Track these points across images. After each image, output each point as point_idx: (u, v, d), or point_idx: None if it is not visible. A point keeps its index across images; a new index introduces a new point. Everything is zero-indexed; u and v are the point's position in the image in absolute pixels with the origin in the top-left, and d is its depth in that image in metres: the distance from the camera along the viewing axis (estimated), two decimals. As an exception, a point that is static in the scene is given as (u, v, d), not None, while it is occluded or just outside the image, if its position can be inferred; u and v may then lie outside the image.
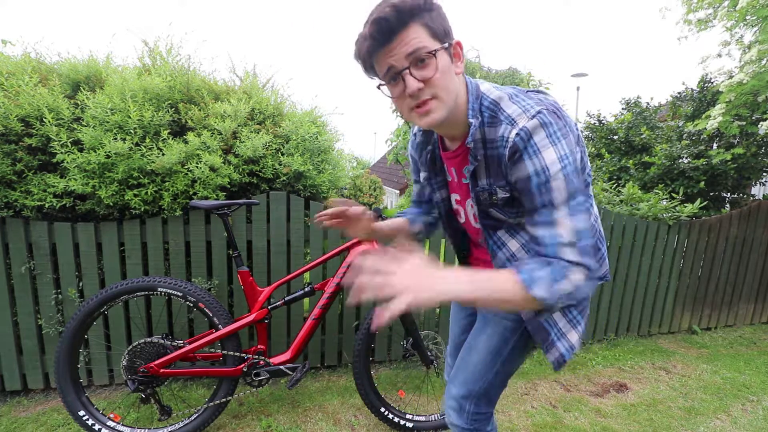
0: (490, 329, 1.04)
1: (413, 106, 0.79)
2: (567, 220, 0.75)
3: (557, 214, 0.76)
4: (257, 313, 1.69)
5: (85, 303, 1.57)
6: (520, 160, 0.77)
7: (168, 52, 2.06)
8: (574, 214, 0.76)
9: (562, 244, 0.75)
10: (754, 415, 2.07)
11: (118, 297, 1.60)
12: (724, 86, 3.04)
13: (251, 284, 1.72)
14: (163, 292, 1.63)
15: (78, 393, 1.61)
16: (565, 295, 0.73)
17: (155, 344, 1.61)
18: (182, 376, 2.02)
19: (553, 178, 0.75)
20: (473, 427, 1.07)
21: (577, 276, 0.74)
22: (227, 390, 1.71)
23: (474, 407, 1.06)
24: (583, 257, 0.74)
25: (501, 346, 1.02)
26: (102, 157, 1.67)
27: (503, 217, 0.90)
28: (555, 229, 0.76)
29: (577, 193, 0.77)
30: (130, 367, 1.58)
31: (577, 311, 0.95)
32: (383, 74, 0.79)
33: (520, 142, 0.76)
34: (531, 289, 0.71)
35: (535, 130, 0.75)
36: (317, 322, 1.75)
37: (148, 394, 1.60)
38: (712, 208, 3.68)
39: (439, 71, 0.76)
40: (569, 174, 0.75)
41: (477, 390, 1.05)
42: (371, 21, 0.73)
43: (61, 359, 1.57)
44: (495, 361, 1.03)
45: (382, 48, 0.75)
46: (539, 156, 0.75)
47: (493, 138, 0.81)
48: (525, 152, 0.76)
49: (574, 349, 0.93)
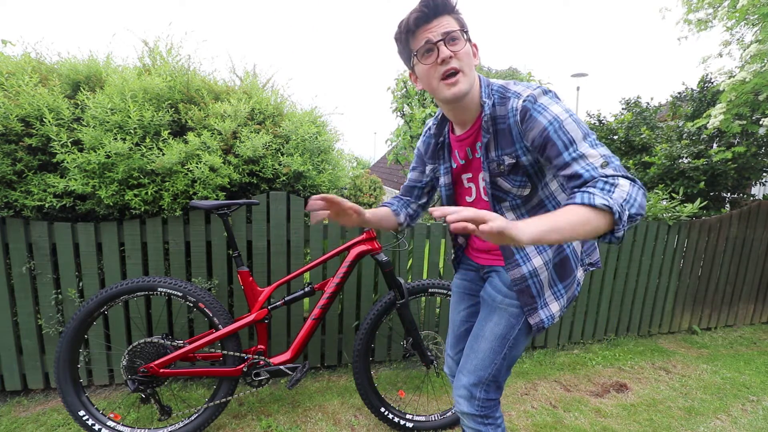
0: (496, 317, 1.11)
1: (442, 77, 0.95)
2: (593, 150, 0.86)
3: (582, 148, 0.86)
4: (257, 313, 1.69)
5: (85, 303, 1.58)
6: (532, 119, 0.91)
7: (168, 52, 2.06)
8: (595, 145, 0.87)
9: (598, 167, 0.84)
10: (754, 415, 2.07)
11: (118, 297, 1.60)
12: (726, 85, 3.03)
13: (251, 284, 1.72)
14: (163, 292, 1.63)
15: (78, 393, 1.61)
16: (624, 202, 0.77)
17: (155, 344, 1.61)
18: (182, 376, 2.02)
19: (565, 122, 0.88)
20: (484, 413, 1.11)
21: (623, 182, 0.80)
22: (227, 390, 1.71)
23: (484, 394, 1.11)
24: (620, 170, 0.83)
25: (507, 332, 1.09)
26: (102, 157, 1.67)
27: (509, 185, 1.02)
28: (586, 159, 0.85)
29: (590, 133, 0.89)
30: (130, 367, 1.58)
31: (563, 286, 1.08)
32: (418, 48, 0.95)
33: (528, 104, 0.91)
34: (594, 203, 0.75)
35: (539, 96, 0.92)
36: (317, 322, 1.75)
37: (148, 394, 1.60)
38: (712, 208, 3.68)
39: (465, 50, 0.94)
40: (577, 120, 0.89)
41: (486, 376, 1.11)
42: (421, 2, 0.93)
43: (61, 359, 1.57)
44: (503, 346, 1.09)
45: (424, 24, 0.93)
46: (548, 110, 0.90)
47: (503, 114, 0.96)
48: (534, 110, 0.91)
49: (554, 318, 1.06)
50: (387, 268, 1.76)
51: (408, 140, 3.75)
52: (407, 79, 3.79)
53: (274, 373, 1.72)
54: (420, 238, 2.31)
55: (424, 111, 3.54)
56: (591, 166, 0.84)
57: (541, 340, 2.69)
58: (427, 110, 3.52)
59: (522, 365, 2.48)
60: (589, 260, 1.18)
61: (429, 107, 3.59)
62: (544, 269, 1.05)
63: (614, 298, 2.82)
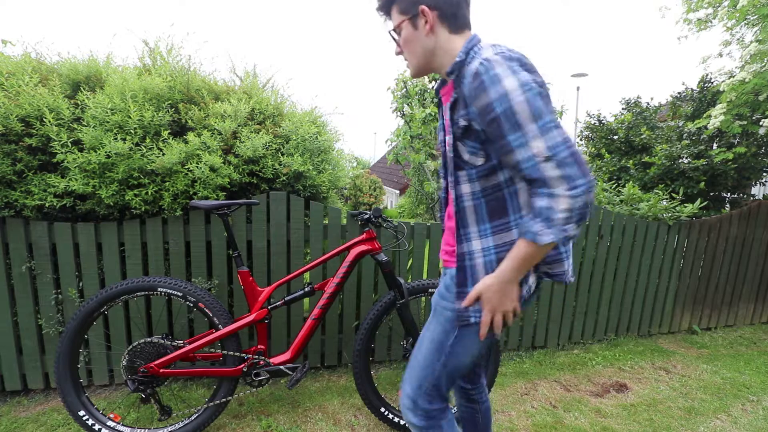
0: (434, 322, 1.08)
1: None
2: (540, 139, 0.81)
3: (529, 135, 0.82)
4: (257, 313, 1.70)
5: (85, 303, 1.57)
6: (481, 88, 0.85)
7: (168, 53, 2.06)
8: (545, 132, 0.81)
9: (540, 161, 0.81)
10: (754, 415, 2.07)
11: (118, 297, 1.60)
12: (726, 85, 3.03)
13: (251, 284, 1.72)
14: (163, 292, 1.63)
15: (78, 393, 1.61)
16: (567, 217, 0.82)
17: (155, 344, 1.61)
18: (182, 376, 2.02)
19: (515, 102, 0.82)
20: (428, 425, 1.07)
21: (562, 191, 0.81)
22: (227, 390, 1.71)
23: (427, 403, 1.06)
24: (563, 168, 0.80)
25: (444, 338, 1.04)
26: (102, 157, 1.67)
27: (465, 151, 0.96)
28: (531, 151, 0.82)
29: (544, 114, 0.82)
30: (130, 367, 1.58)
31: None
32: None
33: (481, 69, 0.85)
34: (540, 242, 0.84)
35: (497, 64, 0.84)
36: (317, 322, 1.75)
37: (148, 394, 1.60)
38: (712, 208, 3.68)
39: (405, 38, 1.01)
40: (532, 98, 0.82)
41: (426, 385, 1.06)
42: None
43: (61, 359, 1.57)
44: (440, 352, 1.04)
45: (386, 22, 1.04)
46: (500, 84, 0.83)
47: (464, 75, 0.90)
48: (486, 80, 0.84)
49: (531, 289, 1.00)
50: (387, 268, 1.76)
51: (408, 140, 3.75)
52: (407, 79, 3.79)
53: (274, 373, 1.72)
54: (420, 238, 2.31)
55: (424, 111, 3.54)
56: (532, 162, 0.82)
57: (541, 340, 2.69)
58: (427, 110, 3.52)
59: (522, 365, 2.48)
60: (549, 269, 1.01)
61: (429, 107, 3.59)
62: (480, 255, 0.98)
63: (614, 298, 2.82)
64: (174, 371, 1.63)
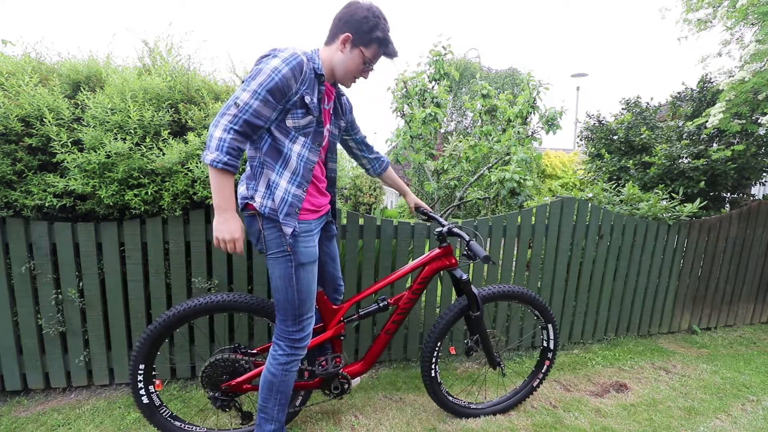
0: None
1: (356, 77, 1.47)
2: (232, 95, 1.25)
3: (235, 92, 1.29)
4: (335, 328, 1.70)
5: (174, 308, 1.56)
6: None
7: (168, 52, 2.07)
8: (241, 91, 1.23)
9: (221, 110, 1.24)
10: (754, 415, 2.07)
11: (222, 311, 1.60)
12: (725, 84, 3.03)
13: (325, 302, 1.69)
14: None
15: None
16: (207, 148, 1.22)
17: (234, 360, 1.60)
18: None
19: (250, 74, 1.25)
20: None
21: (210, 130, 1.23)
22: (303, 400, 1.77)
23: None
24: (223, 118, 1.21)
25: None
26: (102, 157, 1.67)
27: None
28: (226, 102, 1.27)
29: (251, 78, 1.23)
30: (210, 383, 1.58)
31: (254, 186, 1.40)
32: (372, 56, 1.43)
33: None
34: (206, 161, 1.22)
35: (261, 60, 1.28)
36: (390, 336, 1.79)
37: (230, 405, 1.61)
38: (712, 208, 3.68)
39: None
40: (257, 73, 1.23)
41: None
42: None
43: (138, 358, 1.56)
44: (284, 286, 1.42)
45: None
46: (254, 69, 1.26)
47: None
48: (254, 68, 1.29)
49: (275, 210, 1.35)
50: (466, 286, 1.75)
51: (408, 140, 3.75)
52: (407, 79, 3.79)
53: (349, 383, 1.76)
54: (420, 238, 2.31)
55: (424, 111, 3.53)
56: None
57: (541, 340, 2.69)
58: (427, 110, 3.52)
59: (522, 365, 2.48)
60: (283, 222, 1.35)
61: (429, 107, 3.59)
62: None
63: (614, 298, 2.82)
64: (256, 387, 1.60)
